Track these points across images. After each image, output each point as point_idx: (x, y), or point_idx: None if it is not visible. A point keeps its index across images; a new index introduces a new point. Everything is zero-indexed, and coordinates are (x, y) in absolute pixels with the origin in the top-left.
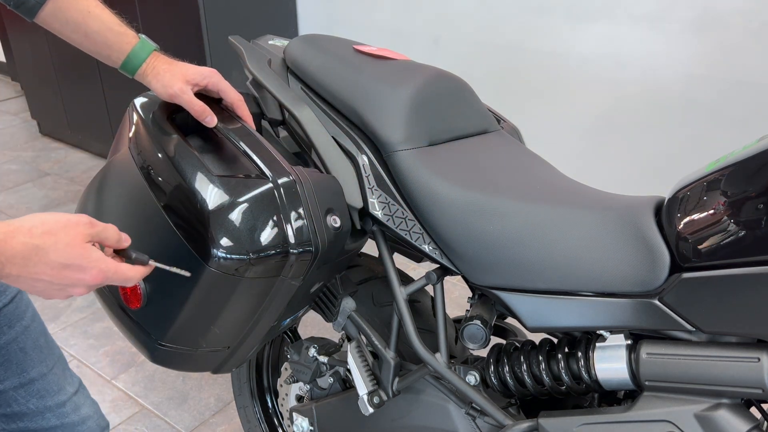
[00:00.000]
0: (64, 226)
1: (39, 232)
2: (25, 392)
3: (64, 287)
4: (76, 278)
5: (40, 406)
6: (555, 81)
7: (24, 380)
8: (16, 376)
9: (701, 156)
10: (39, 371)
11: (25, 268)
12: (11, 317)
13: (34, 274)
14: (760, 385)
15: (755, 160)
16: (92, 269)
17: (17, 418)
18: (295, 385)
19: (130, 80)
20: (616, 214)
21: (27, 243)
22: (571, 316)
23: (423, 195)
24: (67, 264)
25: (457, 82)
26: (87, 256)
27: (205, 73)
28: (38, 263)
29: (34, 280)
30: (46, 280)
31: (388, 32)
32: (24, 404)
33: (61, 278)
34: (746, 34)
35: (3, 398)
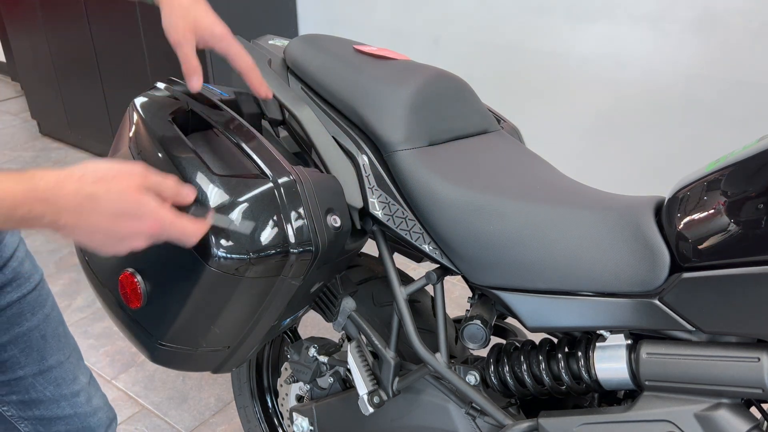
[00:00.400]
0: (118, 173)
1: (91, 179)
2: (43, 379)
3: (121, 239)
4: (133, 228)
5: (56, 394)
6: (555, 81)
7: (43, 367)
8: (36, 363)
9: (701, 156)
10: (57, 359)
11: (80, 217)
12: (34, 304)
13: (89, 224)
14: (760, 385)
15: (755, 160)
16: (148, 219)
17: (33, 405)
18: (295, 385)
19: (130, 80)
20: (616, 214)
21: (79, 191)
22: (571, 316)
23: (423, 195)
24: (121, 213)
25: (457, 82)
26: (143, 205)
27: (215, 32)
28: (92, 212)
29: (91, 232)
30: (103, 231)
31: (388, 32)
32: (41, 391)
33: (117, 228)
34: (746, 34)
35: (22, 385)
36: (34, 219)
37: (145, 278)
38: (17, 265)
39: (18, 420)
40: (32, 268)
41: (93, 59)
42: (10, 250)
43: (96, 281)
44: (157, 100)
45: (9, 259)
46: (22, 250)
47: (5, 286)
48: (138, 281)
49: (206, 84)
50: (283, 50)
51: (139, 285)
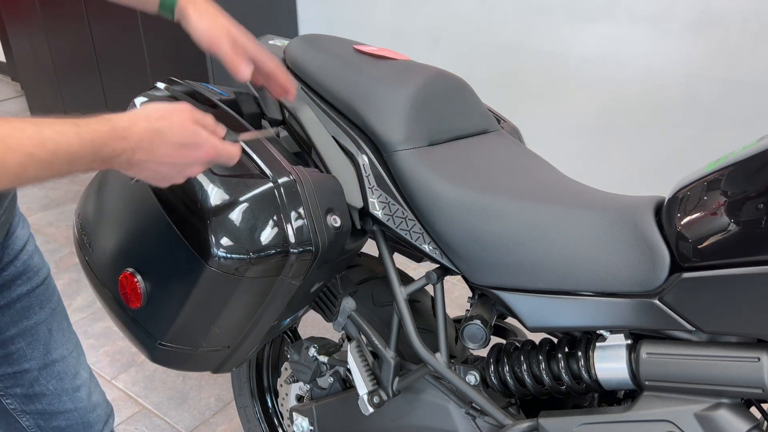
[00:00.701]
0: (173, 110)
1: (155, 117)
2: (47, 373)
3: (183, 168)
4: (194, 156)
5: (59, 388)
6: (555, 81)
7: (47, 361)
8: (41, 356)
9: (701, 156)
10: (60, 353)
11: (152, 151)
12: (42, 298)
13: (160, 156)
14: (760, 384)
15: (755, 160)
16: (205, 144)
17: (36, 399)
18: (295, 385)
19: (130, 80)
20: (616, 214)
21: (148, 127)
22: (571, 316)
23: (423, 195)
24: (185, 143)
25: (457, 82)
26: (199, 134)
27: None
28: (161, 145)
29: (159, 164)
30: (169, 162)
31: (388, 32)
32: (45, 385)
33: (182, 157)
34: (746, 34)
35: (27, 378)
36: (115, 157)
37: (145, 278)
38: (27, 258)
39: (20, 413)
40: (41, 262)
41: (93, 59)
42: (21, 242)
43: (96, 281)
44: (157, 99)
45: (20, 251)
46: (32, 243)
47: (16, 279)
48: (138, 281)
49: (206, 84)
50: (283, 50)
51: (139, 285)
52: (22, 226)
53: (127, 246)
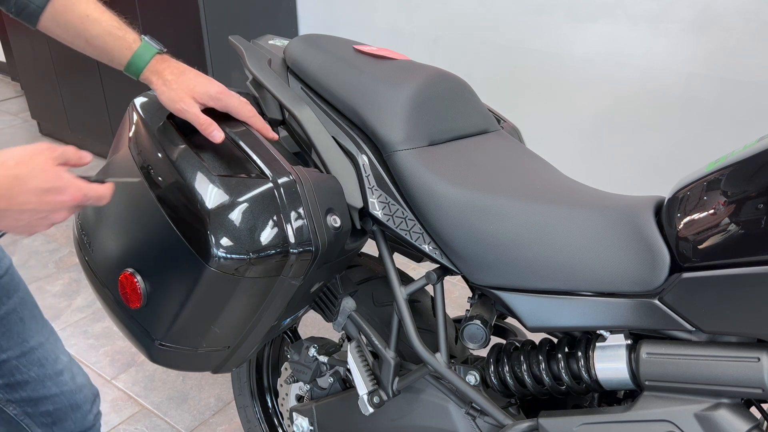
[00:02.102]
0: (32, 154)
1: (12, 164)
2: (27, 361)
3: (47, 214)
4: (58, 201)
5: (41, 374)
6: (555, 81)
7: (25, 349)
8: (18, 345)
9: (701, 156)
10: (37, 340)
11: (11, 200)
12: (8, 288)
13: (19, 204)
14: (760, 384)
15: (755, 160)
16: (70, 188)
17: (20, 387)
18: (295, 385)
19: (130, 80)
20: (616, 214)
21: (6, 175)
22: (571, 316)
23: (423, 195)
24: (47, 188)
25: (457, 82)
26: (62, 177)
27: (212, 93)
28: (21, 193)
29: (19, 212)
30: (31, 209)
31: (388, 32)
32: (26, 373)
33: (44, 204)
34: (746, 34)
35: (6, 368)
36: None
37: (145, 278)
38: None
39: (6, 403)
40: (1, 255)
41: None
42: None
43: (96, 281)
44: (157, 100)
45: None
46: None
47: None
48: (138, 281)
49: None
50: (283, 50)
51: (139, 285)
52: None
53: (127, 246)
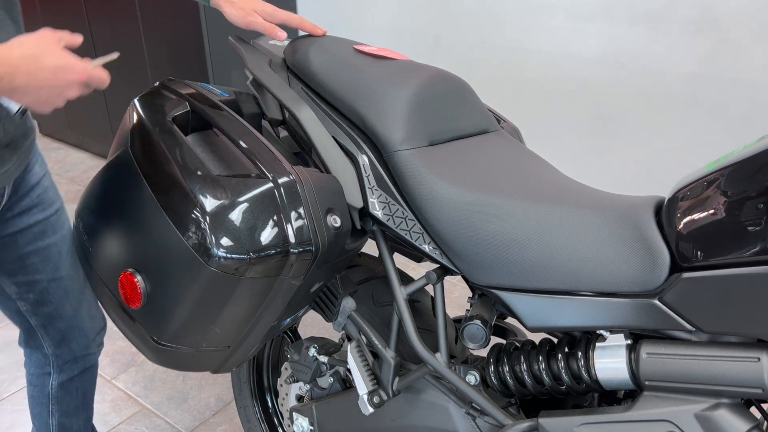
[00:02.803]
0: (41, 38)
1: (28, 46)
2: (56, 286)
3: (61, 90)
4: (69, 78)
5: (64, 300)
6: (555, 81)
7: (56, 276)
8: (51, 271)
9: (701, 156)
10: (68, 272)
11: (30, 76)
12: (55, 225)
13: (38, 81)
14: (760, 384)
15: (755, 160)
16: (77, 66)
17: (44, 304)
18: (295, 385)
19: (129, 80)
20: (616, 214)
21: (23, 55)
22: (571, 316)
23: (423, 195)
24: (59, 65)
25: (457, 82)
26: (69, 57)
27: (267, 9)
28: (38, 70)
29: (38, 88)
30: (48, 86)
31: (388, 32)
32: (53, 295)
33: (58, 80)
34: (746, 34)
35: (38, 286)
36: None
37: (145, 278)
38: (42, 192)
39: (31, 315)
40: (54, 196)
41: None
42: (37, 179)
43: (96, 281)
44: (157, 100)
45: (35, 185)
46: (48, 180)
47: (32, 208)
48: (138, 281)
49: (206, 84)
50: (283, 50)
51: (139, 285)
52: (39, 164)
53: (127, 246)
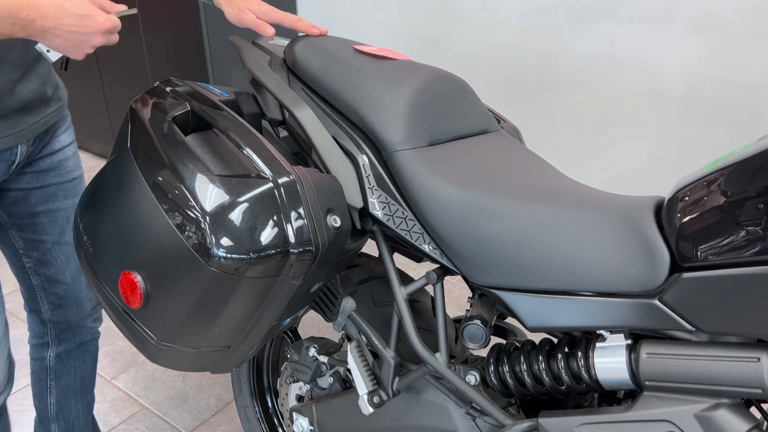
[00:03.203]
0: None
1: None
2: (59, 250)
3: (88, 37)
4: (94, 26)
5: (65, 264)
6: (555, 81)
7: (61, 240)
8: (57, 235)
9: (701, 156)
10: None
11: (58, 20)
12: (68, 192)
13: (65, 26)
14: (760, 384)
15: (755, 160)
16: (99, 16)
17: (46, 265)
18: (295, 385)
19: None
20: (616, 214)
21: (52, 3)
22: (571, 316)
23: (423, 195)
24: (84, 14)
25: (457, 82)
26: (93, 7)
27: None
28: (65, 16)
29: (67, 33)
30: (75, 31)
31: (388, 32)
32: (55, 257)
33: (84, 27)
34: (746, 34)
35: (43, 247)
36: (30, 22)
37: (145, 278)
38: (63, 159)
39: (33, 273)
40: (75, 166)
41: (93, 59)
42: (60, 145)
43: (96, 281)
44: (157, 100)
45: (57, 151)
46: (72, 149)
47: (49, 171)
48: (138, 281)
49: (206, 84)
50: (283, 50)
51: (139, 285)
52: (67, 134)
53: (127, 246)
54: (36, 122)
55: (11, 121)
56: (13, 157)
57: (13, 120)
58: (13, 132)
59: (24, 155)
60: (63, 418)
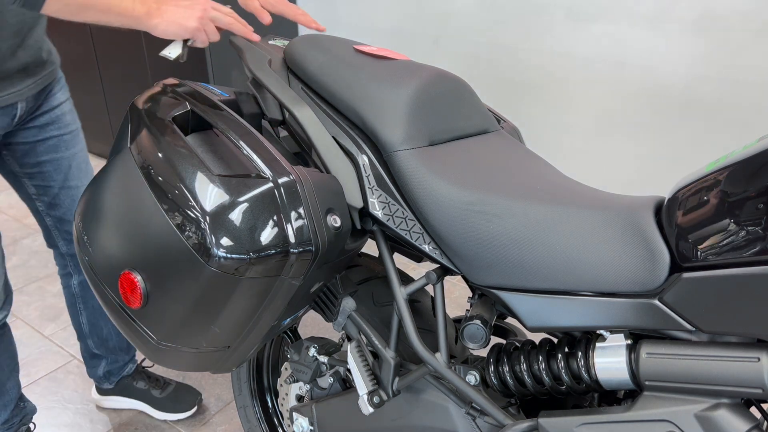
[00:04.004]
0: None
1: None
2: (65, 194)
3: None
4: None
5: (71, 206)
6: (555, 81)
7: (66, 185)
8: (62, 181)
9: (701, 156)
10: (76, 183)
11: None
12: (68, 144)
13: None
14: (760, 384)
15: (755, 160)
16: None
17: (56, 208)
18: (295, 385)
19: (129, 80)
20: (616, 214)
21: None
22: (571, 316)
23: (423, 195)
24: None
25: (457, 82)
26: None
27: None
28: None
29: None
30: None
31: (388, 32)
32: (63, 200)
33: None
34: (746, 34)
35: (51, 192)
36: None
37: (145, 278)
38: (60, 114)
39: (45, 215)
40: (72, 120)
41: (93, 59)
42: (57, 102)
43: (96, 281)
44: (157, 100)
45: (54, 107)
46: (68, 106)
47: (50, 125)
48: (138, 281)
49: (206, 84)
50: (283, 50)
51: (139, 285)
52: (62, 92)
53: (127, 246)
54: (34, 82)
55: (13, 81)
56: (14, 111)
57: (14, 80)
58: (15, 90)
59: (24, 110)
60: (96, 335)
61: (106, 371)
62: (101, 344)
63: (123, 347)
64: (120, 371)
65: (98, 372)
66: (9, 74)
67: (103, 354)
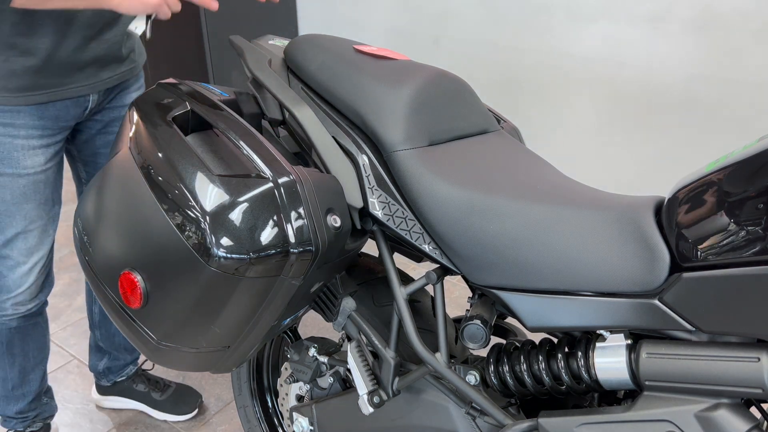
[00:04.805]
0: None
1: None
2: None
3: None
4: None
5: None
6: (555, 81)
7: None
8: None
9: (701, 156)
10: None
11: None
12: None
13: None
14: (760, 384)
15: (755, 160)
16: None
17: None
18: (295, 385)
19: None
20: (616, 214)
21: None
22: (571, 316)
23: (423, 195)
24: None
25: (457, 82)
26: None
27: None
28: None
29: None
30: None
31: (388, 32)
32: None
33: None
34: (746, 34)
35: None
36: None
37: (145, 278)
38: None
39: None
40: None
41: None
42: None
43: (96, 281)
44: (157, 100)
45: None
46: None
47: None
48: (138, 281)
49: (206, 84)
50: (283, 50)
51: (139, 285)
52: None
53: (127, 246)
54: (109, 77)
55: (87, 73)
56: (86, 103)
57: (88, 72)
58: (89, 83)
59: (95, 103)
60: (104, 328)
61: (106, 367)
62: (107, 338)
63: (128, 347)
64: (120, 371)
65: (99, 367)
66: (81, 66)
67: (107, 349)
